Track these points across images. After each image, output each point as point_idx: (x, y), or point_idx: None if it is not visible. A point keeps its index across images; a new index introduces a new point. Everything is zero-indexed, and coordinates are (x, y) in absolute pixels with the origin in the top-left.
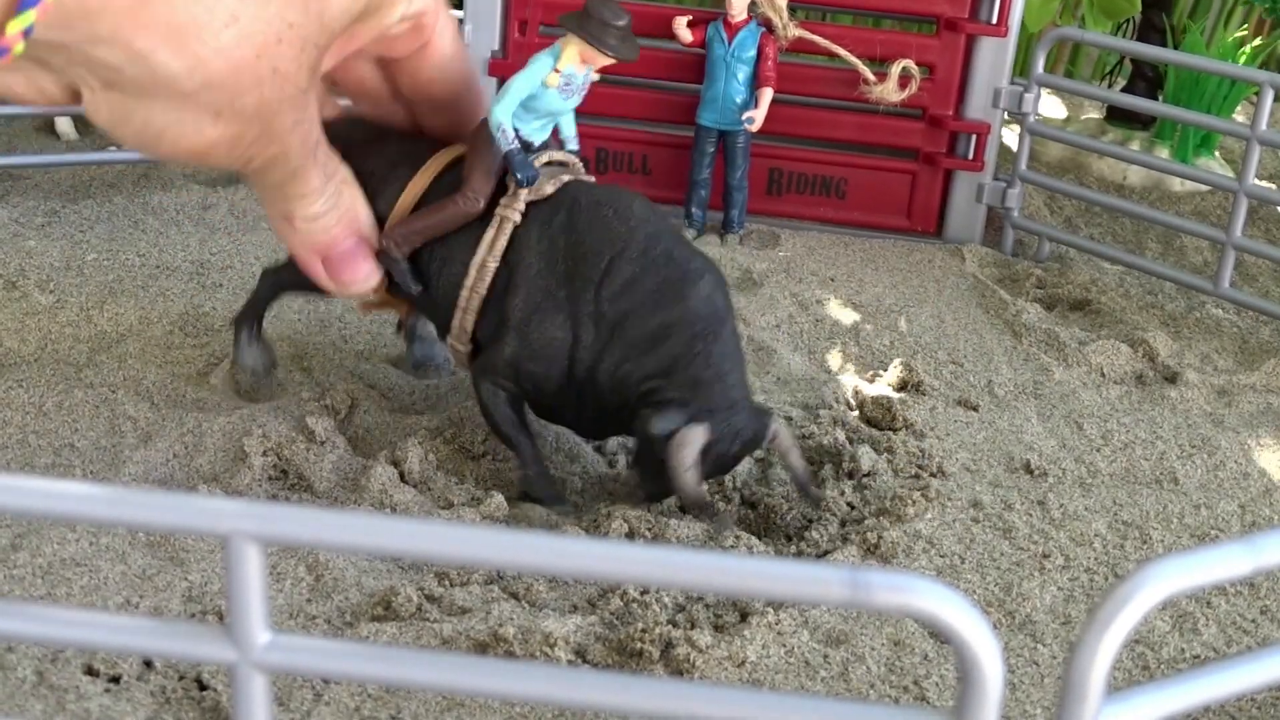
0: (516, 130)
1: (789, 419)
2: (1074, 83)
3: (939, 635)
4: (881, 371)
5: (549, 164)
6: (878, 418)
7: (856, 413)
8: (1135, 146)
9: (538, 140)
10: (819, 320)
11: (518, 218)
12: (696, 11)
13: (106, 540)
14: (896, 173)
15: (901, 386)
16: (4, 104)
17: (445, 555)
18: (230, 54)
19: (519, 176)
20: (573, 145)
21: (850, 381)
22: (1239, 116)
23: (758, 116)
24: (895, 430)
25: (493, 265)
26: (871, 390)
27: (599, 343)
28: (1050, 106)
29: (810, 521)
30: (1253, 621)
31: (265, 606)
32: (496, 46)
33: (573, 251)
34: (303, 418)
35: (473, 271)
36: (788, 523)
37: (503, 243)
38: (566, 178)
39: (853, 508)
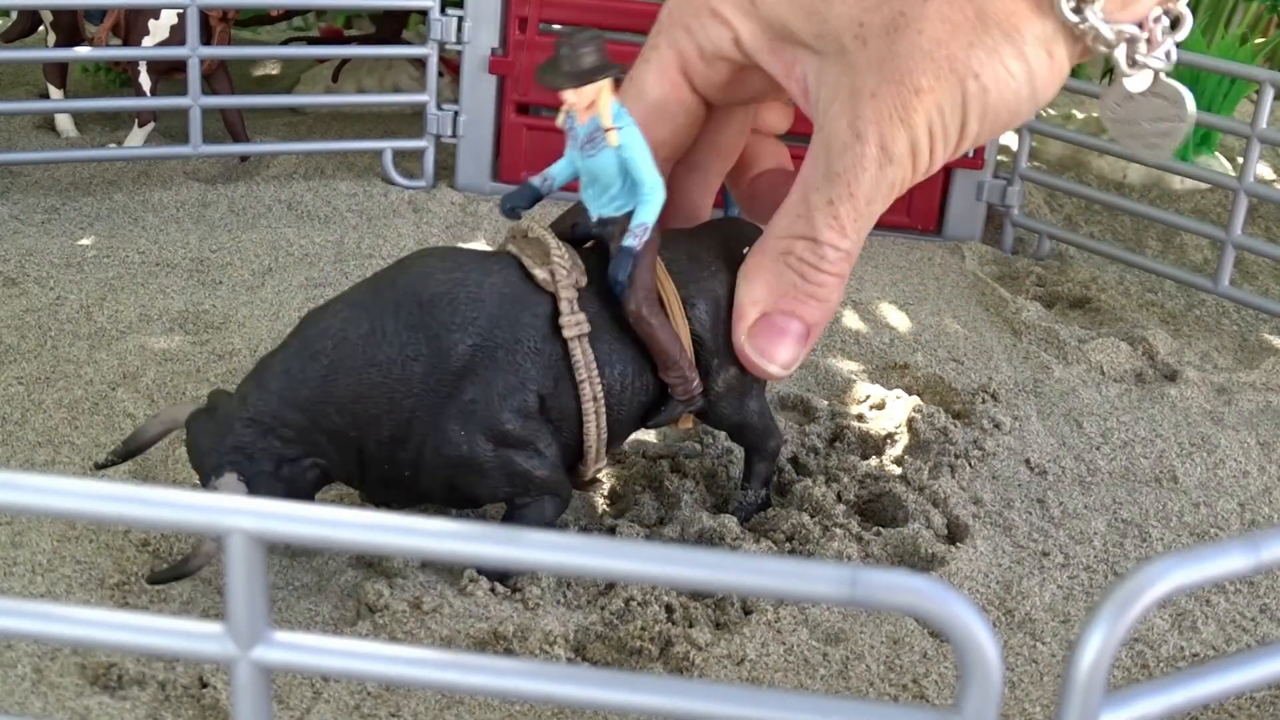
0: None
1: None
2: (1073, 80)
3: (938, 633)
4: (880, 370)
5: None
6: (876, 415)
7: (855, 410)
8: None
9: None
10: None
11: None
12: None
13: (105, 537)
14: None
15: (900, 385)
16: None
17: (444, 553)
18: None
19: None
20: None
21: (849, 379)
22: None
23: None
24: (894, 428)
25: None
26: (870, 389)
27: None
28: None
29: (809, 520)
30: (1252, 620)
31: (265, 604)
32: (496, 44)
33: None
34: None
35: None
36: (785, 521)
37: None
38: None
39: (852, 505)
